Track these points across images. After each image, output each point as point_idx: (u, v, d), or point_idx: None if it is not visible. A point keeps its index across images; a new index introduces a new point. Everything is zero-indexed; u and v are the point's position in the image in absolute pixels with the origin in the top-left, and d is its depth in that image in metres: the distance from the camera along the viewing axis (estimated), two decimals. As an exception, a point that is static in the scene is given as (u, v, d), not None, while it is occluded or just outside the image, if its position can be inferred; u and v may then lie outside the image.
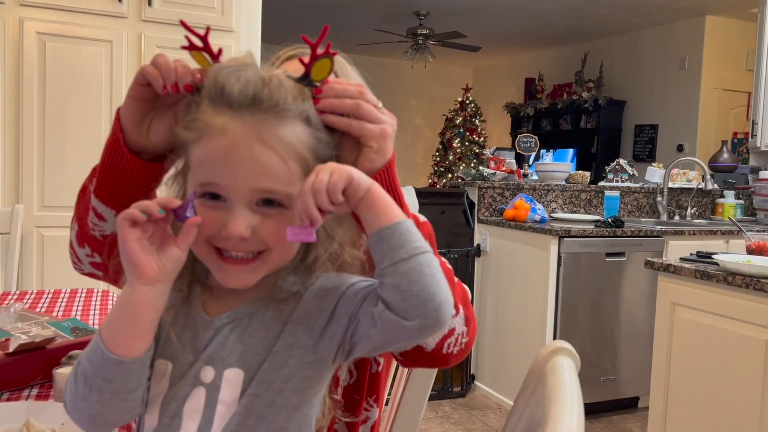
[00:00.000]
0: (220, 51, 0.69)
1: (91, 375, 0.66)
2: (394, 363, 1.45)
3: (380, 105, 0.77)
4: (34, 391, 1.08)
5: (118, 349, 0.65)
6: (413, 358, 0.85)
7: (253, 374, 0.68)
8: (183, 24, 0.69)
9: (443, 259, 0.88)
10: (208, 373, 0.69)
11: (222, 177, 0.65)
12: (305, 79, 0.69)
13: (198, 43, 0.69)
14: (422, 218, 0.98)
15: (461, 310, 0.85)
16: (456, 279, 0.90)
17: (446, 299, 0.63)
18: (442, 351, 0.84)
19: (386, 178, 0.79)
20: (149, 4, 2.78)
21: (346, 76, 0.98)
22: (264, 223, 0.67)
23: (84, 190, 0.90)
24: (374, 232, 0.63)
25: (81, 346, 1.16)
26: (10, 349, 1.08)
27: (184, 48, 0.69)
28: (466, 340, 0.86)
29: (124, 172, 0.78)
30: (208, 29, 0.69)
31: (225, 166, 0.65)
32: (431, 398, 3.38)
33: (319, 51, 0.69)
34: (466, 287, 0.94)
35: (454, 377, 3.50)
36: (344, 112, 0.72)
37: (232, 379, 0.68)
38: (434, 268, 0.63)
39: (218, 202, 0.67)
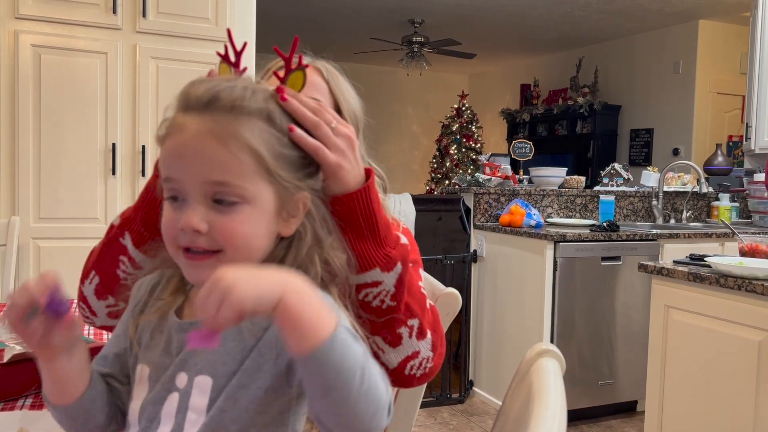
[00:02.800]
0: (244, 69, 0.74)
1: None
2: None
3: (334, 124, 0.76)
4: (29, 401, 1.09)
5: (54, 399, 0.72)
6: None
7: (221, 383, 0.68)
8: (228, 34, 0.75)
9: (422, 290, 0.89)
10: (182, 379, 0.70)
11: (176, 171, 0.68)
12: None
13: (231, 57, 0.73)
14: (403, 224, 0.99)
15: (428, 335, 0.86)
16: (429, 303, 0.90)
17: (367, 428, 0.59)
18: (404, 372, 0.85)
19: (361, 201, 0.79)
20: (143, 15, 2.80)
21: (338, 86, 0.99)
22: (219, 219, 0.68)
23: (110, 243, 0.91)
24: (293, 356, 0.59)
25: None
26: (5, 360, 1.08)
27: (219, 55, 0.74)
28: (430, 365, 0.86)
29: None
30: (244, 45, 0.74)
31: (179, 161, 0.68)
32: (430, 405, 3.39)
33: (293, 65, 0.72)
34: (437, 311, 0.93)
35: (453, 384, 3.50)
36: (305, 122, 0.73)
37: (202, 385, 0.68)
38: (354, 397, 0.57)
39: (178, 203, 0.69)
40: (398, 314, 0.83)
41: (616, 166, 4.17)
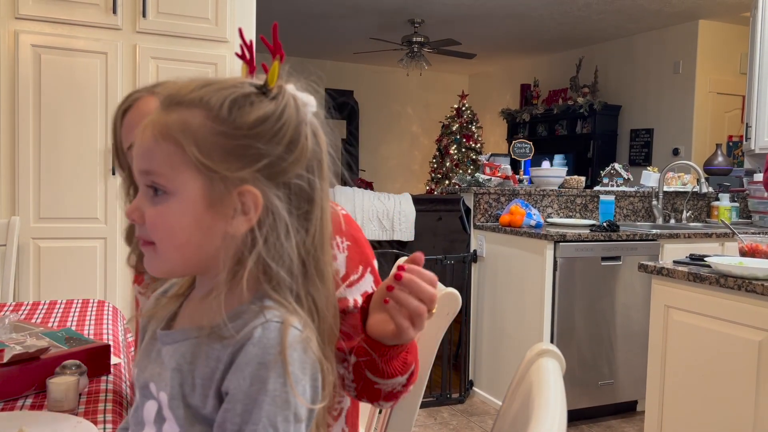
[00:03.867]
0: (253, 69, 0.74)
1: None
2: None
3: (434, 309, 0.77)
4: (29, 401, 1.09)
5: None
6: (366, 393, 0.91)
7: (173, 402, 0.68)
8: (240, 33, 0.76)
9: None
10: (154, 389, 0.71)
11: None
12: (263, 87, 0.71)
13: (247, 55, 0.74)
14: (342, 211, 1.02)
15: (416, 374, 0.92)
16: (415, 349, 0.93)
17: None
18: (388, 400, 0.92)
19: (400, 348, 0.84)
20: (143, 15, 2.80)
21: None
22: (148, 211, 0.68)
23: None
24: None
25: (75, 356, 1.16)
26: (4, 360, 1.08)
27: (237, 55, 0.75)
28: (405, 392, 0.93)
29: None
30: (251, 44, 0.75)
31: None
32: (430, 405, 3.39)
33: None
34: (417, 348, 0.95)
35: (453, 384, 3.50)
36: (422, 295, 0.74)
37: (163, 401, 0.69)
38: None
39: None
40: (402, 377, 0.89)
41: (616, 166, 4.17)
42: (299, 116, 0.70)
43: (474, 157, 8.29)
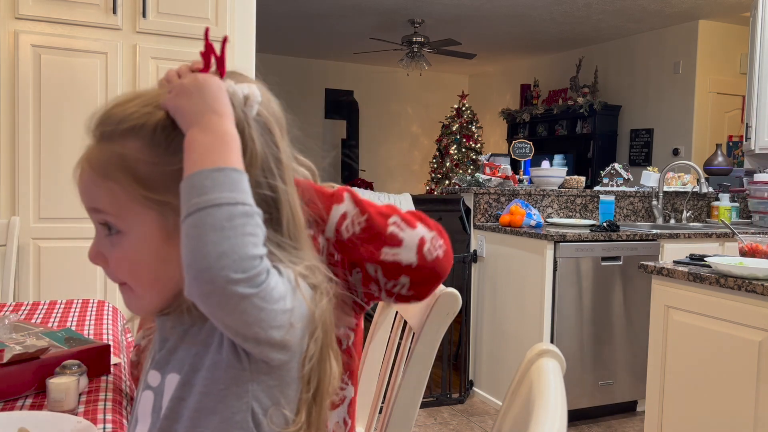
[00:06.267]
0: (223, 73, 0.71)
1: None
2: (372, 337, 1.46)
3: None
4: (28, 401, 1.09)
5: None
6: (411, 284, 0.85)
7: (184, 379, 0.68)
8: (206, 33, 0.71)
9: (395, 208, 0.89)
10: (154, 377, 0.70)
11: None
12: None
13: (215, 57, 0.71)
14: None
15: (417, 224, 0.86)
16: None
17: (206, 265, 0.56)
18: (426, 260, 0.85)
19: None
20: (143, 15, 2.80)
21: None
22: (108, 252, 0.67)
23: None
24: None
25: (75, 356, 1.16)
26: (4, 360, 1.08)
27: (201, 54, 0.71)
28: (441, 241, 0.87)
29: None
30: (224, 41, 0.70)
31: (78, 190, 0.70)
32: (430, 405, 3.39)
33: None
34: (419, 213, 0.93)
35: (453, 384, 3.50)
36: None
37: (171, 383, 0.68)
38: (203, 227, 0.57)
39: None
40: (376, 222, 0.84)
41: (616, 166, 4.17)
42: (241, 119, 0.66)
43: (474, 157, 8.30)
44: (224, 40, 0.68)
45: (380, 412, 1.26)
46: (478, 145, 8.44)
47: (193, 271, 0.57)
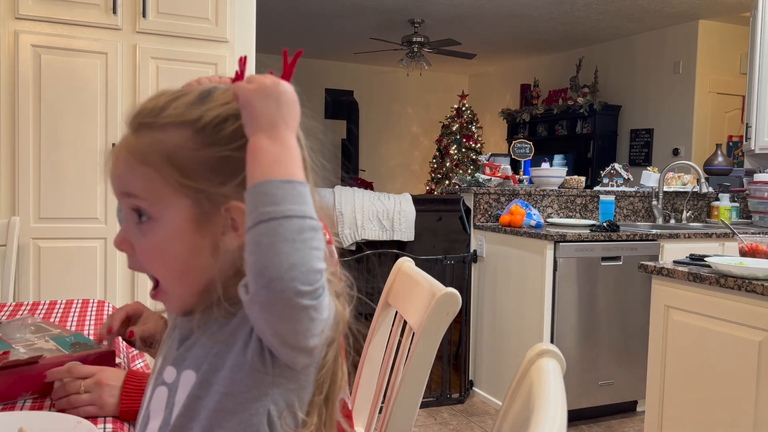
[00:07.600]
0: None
1: None
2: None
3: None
4: (29, 402, 1.09)
5: None
6: None
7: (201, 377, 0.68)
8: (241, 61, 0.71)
9: None
10: (170, 373, 0.70)
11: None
12: None
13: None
14: None
15: None
16: None
17: (278, 275, 0.57)
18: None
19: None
20: (144, 15, 2.80)
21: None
22: (137, 241, 0.68)
23: None
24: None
25: (77, 360, 1.16)
26: (6, 360, 1.08)
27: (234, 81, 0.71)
28: None
29: None
30: (244, 60, 0.71)
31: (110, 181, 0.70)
32: (430, 405, 3.39)
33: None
34: None
35: (453, 384, 3.50)
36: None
37: (187, 380, 0.68)
38: (276, 236, 0.58)
39: None
40: None
41: (616, 166, 4.17)
42: (300, 136, 0.68)
43: (474, 157, 8.30)
44: (298, 54, 0.68)
45: (380, 412, 1.26)
46: (478, 145, 8.44)
47: (265, 279, 0.58)
